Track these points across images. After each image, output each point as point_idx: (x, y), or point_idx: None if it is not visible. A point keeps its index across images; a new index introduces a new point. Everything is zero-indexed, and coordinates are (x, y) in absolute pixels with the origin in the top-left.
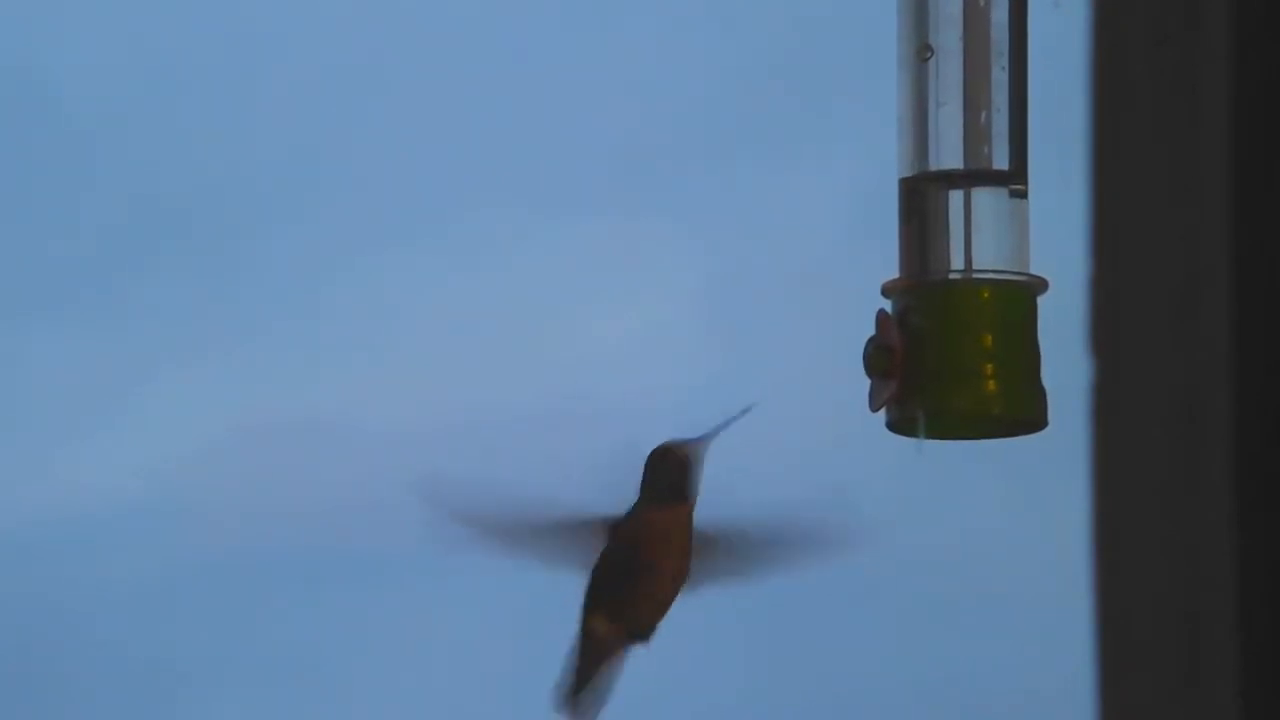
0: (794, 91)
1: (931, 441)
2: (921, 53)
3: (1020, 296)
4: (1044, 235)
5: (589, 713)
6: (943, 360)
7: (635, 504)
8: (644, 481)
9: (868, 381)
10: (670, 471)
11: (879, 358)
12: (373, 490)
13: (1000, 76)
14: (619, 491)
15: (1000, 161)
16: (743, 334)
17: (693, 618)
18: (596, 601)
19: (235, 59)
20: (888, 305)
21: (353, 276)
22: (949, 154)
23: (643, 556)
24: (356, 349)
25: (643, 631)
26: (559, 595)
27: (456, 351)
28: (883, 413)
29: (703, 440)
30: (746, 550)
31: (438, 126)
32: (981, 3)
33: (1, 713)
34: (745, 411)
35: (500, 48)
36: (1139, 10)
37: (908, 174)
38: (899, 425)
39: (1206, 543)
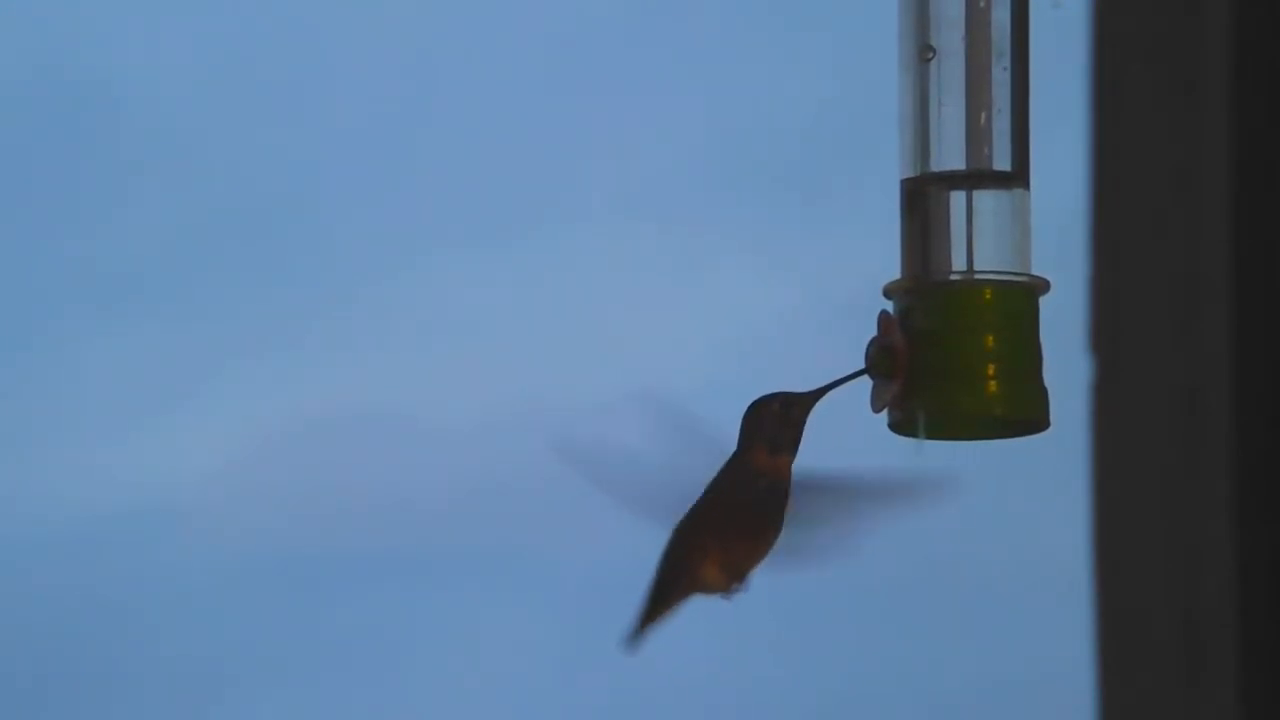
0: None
1: (934, 442)
2: (923, 53)
3: (1022, 297)
4: (1045, 235)
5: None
6: (945, 361)
7: (741, 454)
8: (747, 431)
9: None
10: (777, 422)
11: (882, 359)
12: (433, 486)
13: (1002, 77)
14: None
15: (1002, 162)
16: (796, 350)
17: (688, 615)
18: (706, 546)
19: (301, 59)
20: (890, 306)
21: (416, 274)
22: (950, 154)
23: (760, 510)
24: (419, 346)
25: (744, 581)
26: (601, 594)
27: (517, 348)
28: (885, 414)
29: (809, 396)
30: (841, 503)
31: (505, 127)
32: (982, 3)
33: (59, 708)
34: (857, 374)
35: (572, 55)
36: (1139, 10)
37: (909, 175)
38: (901, 426)
39: (1206, 542)
